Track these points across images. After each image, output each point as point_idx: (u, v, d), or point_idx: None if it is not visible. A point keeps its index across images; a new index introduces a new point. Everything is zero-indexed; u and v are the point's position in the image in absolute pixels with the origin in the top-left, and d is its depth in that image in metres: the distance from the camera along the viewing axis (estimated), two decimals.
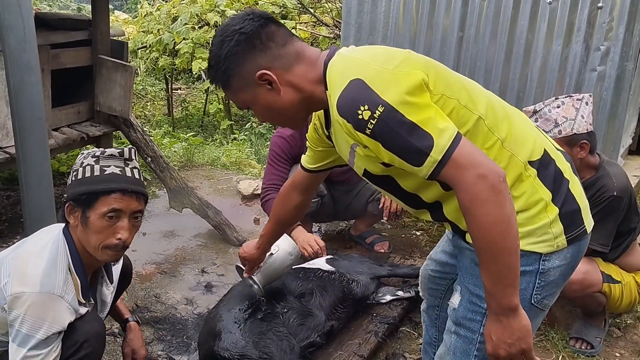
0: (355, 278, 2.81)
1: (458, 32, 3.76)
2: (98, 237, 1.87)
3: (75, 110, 3.85)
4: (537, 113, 2.59)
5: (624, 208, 2.62)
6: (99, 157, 1.91)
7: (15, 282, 1.79)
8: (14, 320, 1.78)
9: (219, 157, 5.45)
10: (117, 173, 1.90)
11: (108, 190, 1.86)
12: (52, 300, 1.81)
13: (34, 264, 1.83)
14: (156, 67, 7.44)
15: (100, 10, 3.80)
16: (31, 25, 2.44)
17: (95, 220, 1.86)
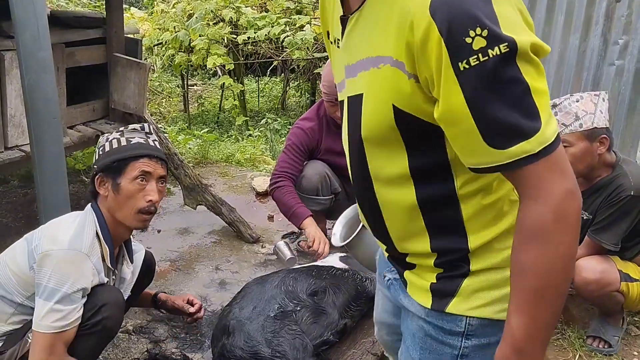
0: (369, 276, 2.80)
1: None
2: (131, 202, 2.05)
3: (90, 108, 3.87)
4: (556, 107, 2.56)
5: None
6: (123, 131, 2.12)
7: (45, 243, 1.93)
8: (42, 276, 1.88)
9: (233, 153, 5.46)
10: (142, 142, 2.10)
11: (137, 155, 2.05)
12: (79, 257, 1.94)
13: (65, 229, 1.99)
14: (172, 64, 7.47)
15: (115, 8, 3.80)
16: (45, 24, 2.45)
17: (127, 184, 2.04)
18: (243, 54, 7.83)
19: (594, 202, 2.69)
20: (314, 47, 6.96)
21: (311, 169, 3.28)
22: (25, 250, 1.97)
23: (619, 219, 2.58)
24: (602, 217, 2.63)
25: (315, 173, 3.26)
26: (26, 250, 1.97)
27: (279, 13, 7.10)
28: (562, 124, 2.54)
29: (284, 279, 2.63)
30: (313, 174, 3.26)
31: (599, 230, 2.63)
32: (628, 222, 2.59)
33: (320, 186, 3.26)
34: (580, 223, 1.01)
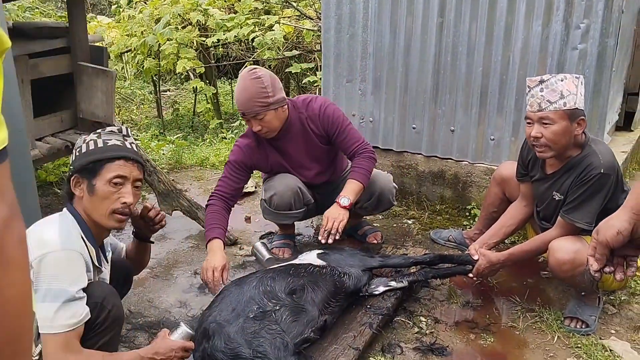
0: (347, 271, 2.81)
1: (438, 18, 3.73)
2: (105, 203, 2.07)
3: (58, 118, 3.83)
4: (543, 83, 2.61)
5: (611, 185, 2.63)
6: (100, 133, 2.14)
7: (35, 250, 1.90)
8: (41, 281, 1.87)
9: (207, 157, 5.43)
10: (119, 144, 2.12)
11: (112, 157, 2.07)
12: (74, 256, 1.96)
13: (49, 232, 1.98)
14: (142, 69, 7.40)
15: (78, 17, 3.77)
16: None
17: (102, 186, 2.06)
18: (214, 56, 7.80)
19: (565, 182, 2.73)
20: (284, 47, 6.96)
21: (282, 185, 3.22)
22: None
23: (590, 197, 2.62)
24: (573, 197, 2.67)
25: (287, 189, 3.21)
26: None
27: (248, 14, 7.08)
28: (547, 101, 2.59)
29: (261, 279, 2.63)
30: (284, 190, 3.21)
31: (571, 209, 2.67)
32: (599, 200, 2.64)
33: (292, 201, 3.24)
34: (27, 255, 0.79)
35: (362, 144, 3.20)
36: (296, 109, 3.19)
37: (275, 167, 3.30)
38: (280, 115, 3.08)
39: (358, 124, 4.22)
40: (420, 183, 4.13)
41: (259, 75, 2.95)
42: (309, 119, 3.19)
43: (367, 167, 3.15)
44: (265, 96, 2.95)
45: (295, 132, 3.18)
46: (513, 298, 3.02)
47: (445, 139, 3.93)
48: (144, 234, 2.54)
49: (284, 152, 3.24)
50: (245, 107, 2.98)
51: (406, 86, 3.97)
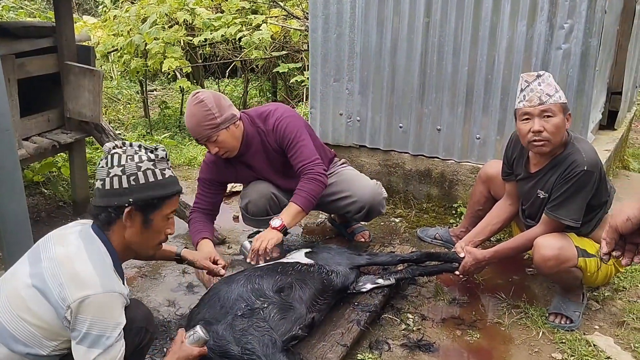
0: (335, 269, 2.83)
1: (424, 18, 3.77)
2: (158, 237, 2.08)
3: (45, 118, 3.81)
4: (540, 77, 2.69)
5: (594, 182, 2.67)
6: (154, 161, 2.01)
7: (74, 289, 1.82)
8: (81, 323, 1.82)
9: (195, 156, 5.43)
10: (172, 176, 2.08)
11: (173, 194, 2.06)
12: (115, 298, 1.89)
13: (84, 267, 1.87)
14: (129, 69, 7.36)
15: (64, 16, 3.75)
16: None
17: (159, 221, 2.04)
18: (201, 56, 7.77)
19: (549, 180, 2.77)
20: (271, 46, 6.96)
21: (255, 193, 3.23)
22: (43, 301, 1.83)
23: (574, 194, 2.66)
24: (557, 194, 2.71)
25: (260, 196, 3.22)
26: (45, 301, 1.82)
27: (235, 13, 7.07)
28: (547, 94, 2.65)
29: (249, 277, 2.64)
30: (258, 197, 3.22)
31: (556, 207, 2.71)
32: (584, 197, 2.68)
33: (268, 207, 3.24)
34: None
35: (309, 163, 3.04)
36: (254, 123, 3.14)
37: (246, 180, 3.32)
38: (235, 133, 3.03)
39: (345, 124, 4.25)
40: (407, 182, 4.17)
41: (201, 99, 2.91)
42: (266, 134, 3.13)
43: (309, 190, 3.00)
44: (212, 118, 2.91)
45: (256, 146, 3.15)
46: (499, 295, 3.06)
47: (432, 137, 3.97)
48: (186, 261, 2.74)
49: (250, 166, 3.23)
50: (196, 133, 2.96)
51: (393, 85, 4.00)
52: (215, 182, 3.26)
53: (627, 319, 2.87)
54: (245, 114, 3.17)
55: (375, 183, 3.43)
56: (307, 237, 3.82)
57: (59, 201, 4.39)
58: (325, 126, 4.32)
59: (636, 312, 2.92)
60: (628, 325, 2.82)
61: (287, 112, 3.18)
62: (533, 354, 2.62)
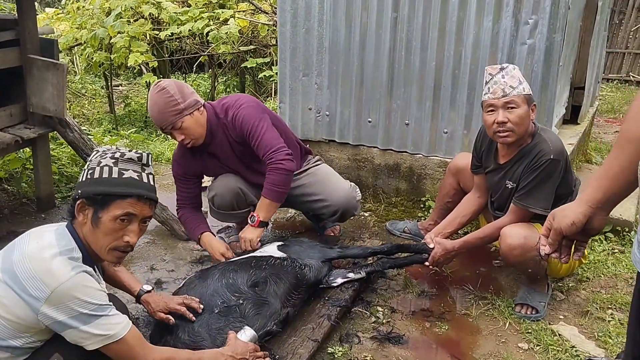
0: (307, 263, 2.84)
1: (392, 13, 3.79)
2: (107, 239, 1.94)
3: (7, 113, 3.72)
4: (503, 70, 2.74)
5: (561, 170, 2.73)
6: (117, 159, 1.96)
7: (48, 282, 1.80)
8: (64, 311, 1.81)
9: (163, 152, 5.37)
10: (135, 178, 1.96)
11: (125, 194, 1.92)
12: (88, 274, 1.87)
13: (51, 259, 1.84)
14: (92, 63, 7.23)
15: (27, 9, 3.66)
16: None
17: (107, 221, 1.92)
18: (167, 50, 7.69)
19: (517, 170, 2.82)
20: (239, 41, 6.92)
21: (222, 187, 3.22)
22: (14, 296, 1.81)
23: (541, 182, 2.72)
24: (525, 183, 2.77)
25: (227, 190, 3.20)
26: (17, 296, 1.80)
27: (202, 7, 7.01)
28: (510, 86, 2.70)
29: (224, 272, 2.63)
30: (224, 191, 3.21)
31: (524, 195, 2.77)
32: (551, 185, 2.74)
33: (235, 202, 3.23)
34: None
35: (271, 152, 2.99)
36: (216, 115, 3.12)
37: (214, 171, 3.30)
38: (199, 119, 3.01)
39: (314, 118, 4.25)
40: (376, 176, 4.19)
41: (163, 87, 2.90)
42: (227, 127, 3.11)
43: (273, 182, 2.99)
44: (175, 104, 2.90)
45: (220, 137, 3.13)
46: (466, 287, 3.10)
47: (400, 132, 4.00)
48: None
49: (217, 157, 3.20)
50: (160, 120, 2.93)
51: (362, 80, 4.02)
52: (189, 175, 3.25)
53: (590, 308, 2.94)
54: (209, 104, 3.15)
55: (350, 186, 3.38)
56: (276, 231, 3.81)
57: (22, 197, 4.29)
58: (294, 121, 4.32)
59: (599, 302, 2.99)
60: (592, 315, 2.88)
61: (246, 102, 3.12)
62: (500, 344, 2.66)
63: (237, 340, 2.28)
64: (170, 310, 2.40)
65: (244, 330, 2.35)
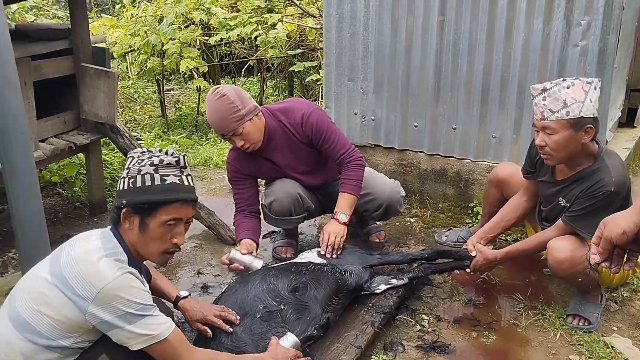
0: (348, 268, 2.84)
1: (439, 16, 3.73)
2: (156, 243, 2.02)
3: (62, 120, 3.85)
4: (546, 91, 2.56)
5: (620, 201, 2.59)
6: (157, 165, 2.00)
7: (94, 282, 1.86)
8: (110, 311, 1.87)
9: (211, 156, 5.45)
10: (177, 182, 2.01)
11: (170, 200, 1.98)
12: (133, 275, 1.94)
13: (98, 261, 1.91)
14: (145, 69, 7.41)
15: (80, 18, 3.78)
16: (6, 39, 2.42)
17: (155, 227, 1.99)
18: (217, 55, 7.80)
19: (573, 190, 2.71)
20: (287, 45, 6.96)
21: (281, 192, 3.21)
22: (63, 297, 1.88)
23: (597, 211, 2.57)
24: (580, 207, 2.65)
25: (285, 196, 3.20)
26: (65, 297, 1.88)
27: (250, 12, 7.08)
28: (549, 110, 2.54)
29: (265, 277, 2.65)
30: (283, 197, 3.20)
31: (575, 218, 2.66)
32: (605, 215, 2.61)
33: (292, 207, 3.23)
34: None
35: (348, 151, 3.14)
36: (274, 116, 3.14)
37: (269, 175, 3.31)
38: (258, 125, 3.03)
39: (360, 123, 4.23)
40: (423, 181, 4.14)
41: (223, 94, 2.92)
42: (291, 126, 3.14)
43: (356, 177, 3.13)
44: (236, 110, 2.92)
45: (278, 139, 3.15)
46: (515, 296, 3.03)
47: (447, 137, 3.93)
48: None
49: (272, 161, 3.22)
50: (222, 127, 2.96)
51: (408, 84, 3.97)
52: (245, 177, 3.25)
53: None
54: (265, 107, 3.17)
55: (394, 182, 3.43)
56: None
57: (75, 202, 4.43)
58: (340, 125, 4.29)
59: None
60: None
61: (312, 105, 3.21)
62: (550, 356, 2.59)
63: (278, 346, 2.29)
64: (207, 322, 2.42)
65: (286, 336, 2.36)
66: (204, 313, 2.42)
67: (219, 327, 2.40)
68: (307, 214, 3.36)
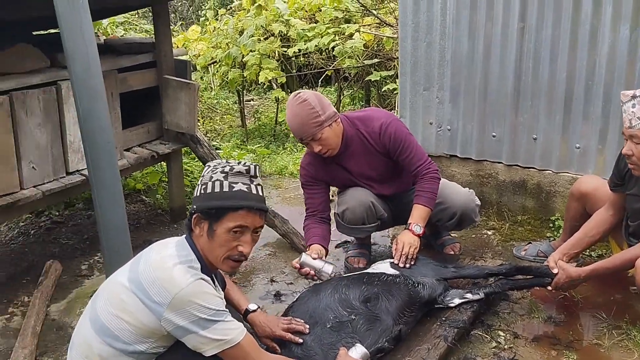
0: (421, 280, 2.79)
1: (519, 23, 3.63)
2: (222, 249, 2.04)
3: (145, 130, 4.02)
4: (635, 98, 2.49)
5: None
6: (227, 173, 2.05)
7: (169, 288, 1.92)
8: (187, 316, 1.91)
9: (286, 165, 5.52)
10: (245, 190, 2.04)
11: (236, 207, 2.01)
12: (206, 281, 1.98)
13: (173, 267, 1.97)
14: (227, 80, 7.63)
15: (163, 33, 3.95)
16: (94, 52, 2.54)
17: (222, 234, 2.02)
18: (295, 65, 7.92)
19: None
20: (364, 55, 6.97)
21: (354, 200, 3.20)
22: (139, 303, 1.94)
23: None
24: None
25: (358, 204, 3.19)
26: (141, 303, 1.94)
27: (328, 23, 7.15)
28: (637, 118, 2.47)
29: (336, 287, 2.65)
30: (356, 205, 3.19)
31: None
32: None
33: (365, 216, 3.21)
34: None
35: (424, 164, 3.13)
36: (352, 124, 3.15)
37: (342, 182, 3.31)
38: (337, 131, 3.05)
39: (435, 133, 4.17)
40: (501, 193, 4.02)
41: (304, 99, 2.94)
42: (368, 135, 3.13)
43: (432, 190, 3.10)
44: (317, 116, 2.93)
45: (355, 147, 3.15)
46: (599, 314, 2.89)
47: (527, 147, 3.81)
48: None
49: (347, 168, 3.22)
50: (301, 132, 2.98)
51: (485, 93, 3.88)
52: (318, 182, 3.26)
53: None
54: (343, 115, 3.19)
55: (468, 190, 3.37)
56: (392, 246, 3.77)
57: (157, 209, 4.60)
58: (414, 135, 4.19)
59: None
60: None
61: (391, 116, 3.21)
62: None
63: (347, 357, 2.28)
64: (276, 337, 2.42)
65: (355, 347, 2.34)
66: (272, 329, 2.42)
67: (289, 340, 2.40)
68: (380, 222, 3.33)
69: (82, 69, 2.53)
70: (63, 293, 3.37)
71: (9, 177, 3.15)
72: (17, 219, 4.40)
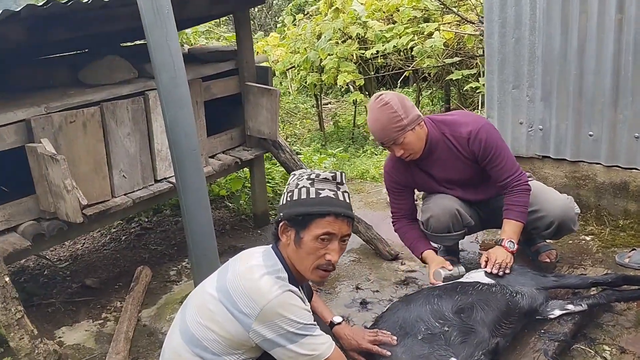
0: (519, 290, 2.64)
1: (616, 15, 3.39)
2: (310, 258, 2.01)
3: (229, 136, 4.05)
4: None
5: None
6: (314, 180, 2.04)
7: (257, 299, 1.89)
8: (275, 328, 1.89)
9: (368, 169, 5.45)
10: (331, 197, 2.01)
11: (323, 213, 1.98)
12: (294, 293, 1.95)
13: (260, 278, 1.94)
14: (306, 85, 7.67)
15: (245, 40, 3.97)
16: (180, 62, 2.59)
17: (309, 241, 1.99)
18: (373, 67, 7.84)
19: None
20: (444, 54, 6.80)
21: (438, 208, 3.07)
22: (227, 314, 1.93)
23: None
24: None
25: (444, 212, 3.06)
26: (229, 314, 1.92)
27: (406, 23, 7.02)
28: None
29: (427, 297, 2.56)
30: (441, 213, 3.06)
31: None
32: None
33: (450, 224, 3.07)
34: None
35: (515, 175, 2.97)
36: (438, 128, 3.02)
37: (423, 187, 3.22)
38: (420, 134, 2.93)
39: (526, 133, 3.97)
40: (600, 196, 3.77)
41: (386, 102, 2.83)
42: (455, 139, 3.00)
43: (523, 203, 2.95)
44: (399, 120, 2.82)
45: (440, 151, 3.02)
46: None
47: (629, 146, 3.55)
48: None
49: (429, 173, 3.10)
50: (382, 136, 2.89)
51: (580, 90, 3.66)
52: (402, 185, 3.19)
53: None
54: (428, 118, 3.08)
55: (567, 197, 3.15)
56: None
57: (241, 214, 4.64)
58: (503, 136, 4.02)
59: None
60: None
61: (481, 120, 3.07)
62: None
63: None
64: (362, 350, 2.34)
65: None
66: (358, 342, 2.35)
67: (376, 352, 2.31)
68: (466, 230, 3.19)
69: (168, 78, 2.57)
70: (153, 299, 3.44)
71: (101, 185, 3.24)
72: (109, 225, 4.55)
